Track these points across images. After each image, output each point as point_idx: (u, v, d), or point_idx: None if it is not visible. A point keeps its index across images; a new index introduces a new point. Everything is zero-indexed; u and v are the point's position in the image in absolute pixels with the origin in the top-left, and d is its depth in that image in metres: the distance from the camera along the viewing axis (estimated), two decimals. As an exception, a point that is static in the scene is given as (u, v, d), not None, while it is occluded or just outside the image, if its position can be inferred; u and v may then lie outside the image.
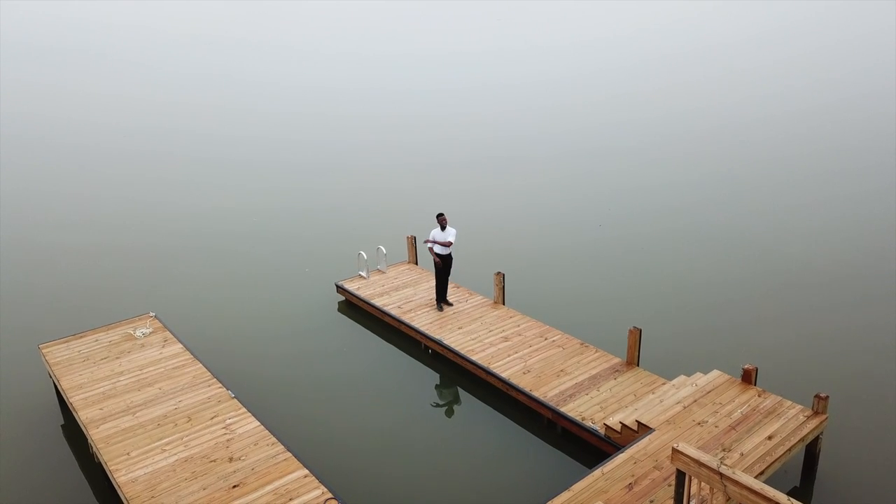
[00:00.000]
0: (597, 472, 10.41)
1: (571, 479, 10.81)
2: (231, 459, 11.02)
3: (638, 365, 14.09)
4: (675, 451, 8.88)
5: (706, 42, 67.09)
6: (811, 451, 11.64)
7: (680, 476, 9.02)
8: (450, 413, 14.05)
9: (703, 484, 8.90)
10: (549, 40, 72.26)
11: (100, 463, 11.66)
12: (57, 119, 42.45)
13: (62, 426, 13.79)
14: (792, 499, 7.85)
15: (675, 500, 9.18)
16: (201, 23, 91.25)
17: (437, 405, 14.33)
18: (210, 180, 29.90)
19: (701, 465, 8.61)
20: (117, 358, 14.13)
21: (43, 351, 14.49)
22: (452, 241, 16.20)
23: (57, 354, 14.31)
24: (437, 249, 16.23)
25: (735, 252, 21.01)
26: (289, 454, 11.06)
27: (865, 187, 26.33)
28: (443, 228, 16.10)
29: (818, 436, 11.48)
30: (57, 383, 13.58)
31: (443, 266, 16.42)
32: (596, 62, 58.53)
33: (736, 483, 8.28)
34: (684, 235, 22.53)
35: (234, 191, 28.39)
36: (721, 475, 8.41)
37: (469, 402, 14.26)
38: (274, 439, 11.44)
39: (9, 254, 22.45)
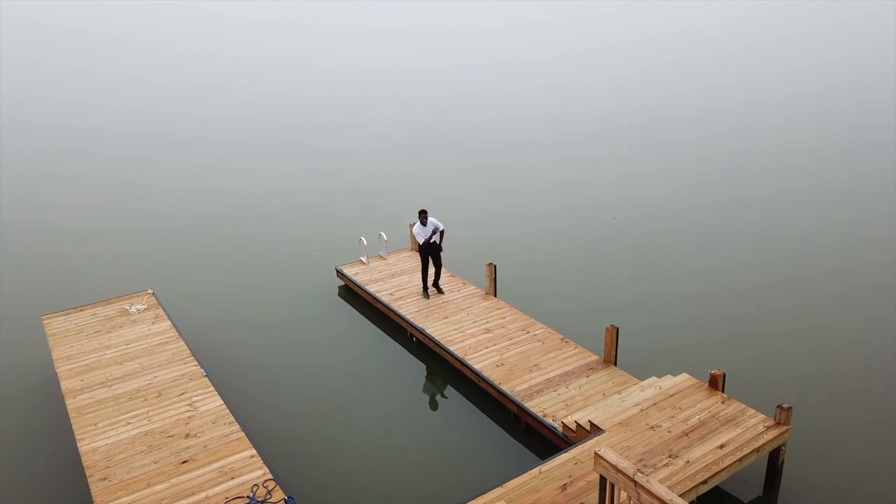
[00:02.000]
0: (534, 471, 10.31)
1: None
2: (187, 436, 11.41)
3: (615, 364, 13.82)
4: (596, 455, 8.73)
5: (693, 25, 64.59)
6: (774, 462, 11.21)
7: (602, 481, 8.87)
8: (423, 403, 14.12)
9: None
10: (544, 24, 70.66)
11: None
12: (61, 100, 43.82)
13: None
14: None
15: (599, 505, 9.04)
16: (209, 5, 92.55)
17: (413, 394, 14.41)
18: (215, 164, 30.58)
19: (618, 470, 8.45)
20: (108, 332, 14.78)
21: (44, 322, 15.29)
22: (440, 226, 16.36)
23: (55, 326, 15.08)
24: (420, 238, 16.35)
25: (728, 254, 20.09)
26: (242, 434, 11.37)
27: (849, 188, 24.82)
28: (423, 223, 16.16)
29: (781, 446, 11.05)
30: (51, 353, 14.32)
31: (425, 253, 16.51)
32: (586, 46, 57.18)
33: (648, 492, 8.09)
34: (681, 233, 21.74)
35: (240, 174, 29.01)
36: (635, 483, 8.24)
37: (445, 393, 14.31)
38: (232, 419, 11.77)
39: (24, 231, 23.57)
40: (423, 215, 16.16)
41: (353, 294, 18.41)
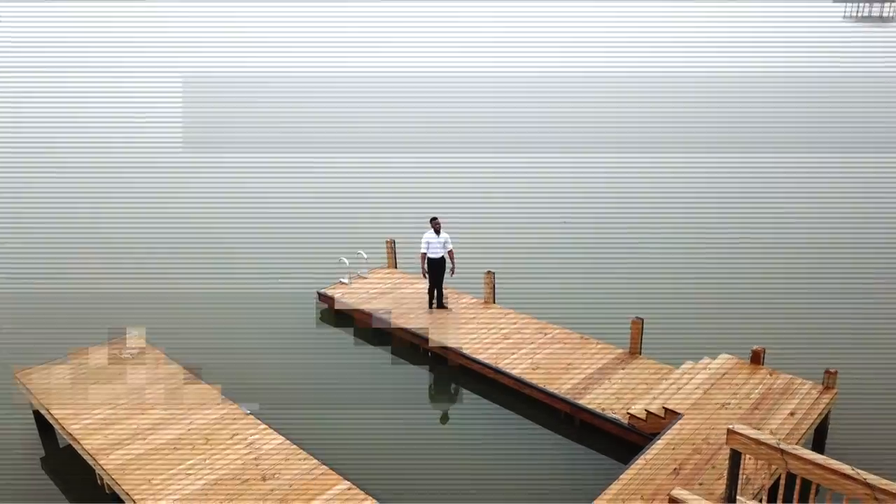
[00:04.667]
0: (640, 461, 10.57)
1: (597, 470, 11.02)
2: (265, 478, 10.53)
3: (640, 354, 14.43)
4: (731, 431, 9.12)
5: (704, 36, 69.39)
6: (820, 427, 12.21)
7: (735, 456, 9.28)
8: (465, 414, 13.94)
9: (749, 463, 9.29)
10: (539, 36, 73.08)
11: (113, 493, 10.94)
12: (22, 137, 39.83)
13: (42, 459, 12.90)
14: (857, 469, 8.22)
15: (728, 480, 9.43)
16: (192, 21, 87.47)
17: (451, 407, 14.26)
18: (173, 186, 28.88)
19: (759, 443, 8.89)
20: (108, 381, 13.23)
21: (21, 378, 13.40)
22: (450, 245, 16.23)
23: (38, 381, 13.27)
24: (431, 254, 16.10)
25: (721, 238, 22.02)
26: (325, 467, 10.69)
27: (869, 169, 27.99)
28: (437, 232, 15.97)
29: (828, 411, 12.08)
30: (45, 412, 12.60)
31: (435, 270, 16.29)
32: (586, 57, 59.59)
33: (798, 458, 8.59)
34: (669, 224, 23.44)
35: (201, 197, 27.46)
36: (782, 451, 8.72)
37: (482, 402, 14.16)
38: (304, 454, 11.03)
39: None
40: (435, 223, 15.88)
41: (338, 316, 17.71)
